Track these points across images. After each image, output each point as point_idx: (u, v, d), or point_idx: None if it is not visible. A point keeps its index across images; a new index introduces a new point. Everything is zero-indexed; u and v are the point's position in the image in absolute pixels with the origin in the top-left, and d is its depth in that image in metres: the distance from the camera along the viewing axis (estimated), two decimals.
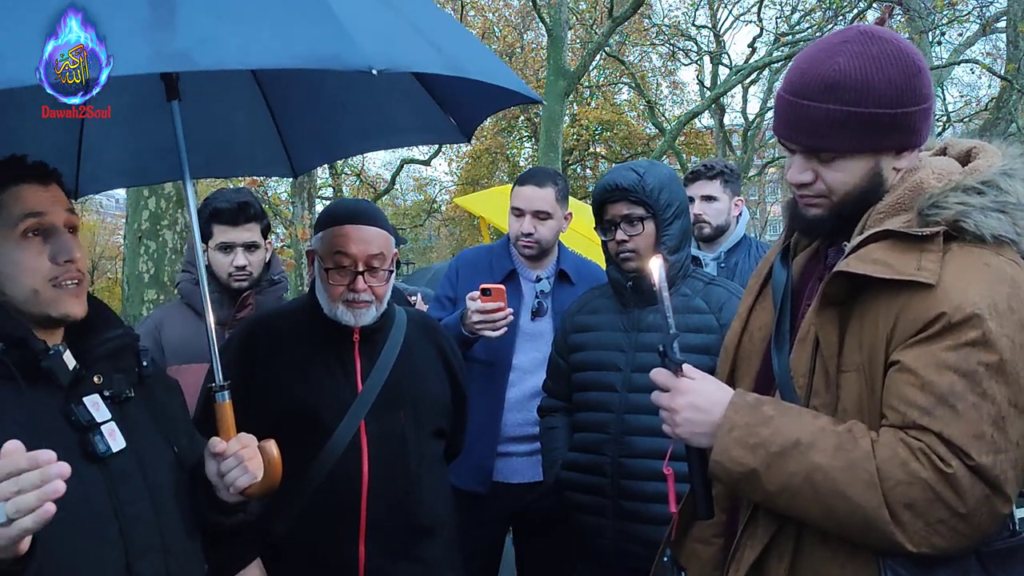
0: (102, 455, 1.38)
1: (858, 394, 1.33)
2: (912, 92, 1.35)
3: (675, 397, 1.44)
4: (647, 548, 2.18)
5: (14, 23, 1.26)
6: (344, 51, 1.29)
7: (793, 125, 1.40)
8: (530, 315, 2.80)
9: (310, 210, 12.18)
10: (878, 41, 1.36)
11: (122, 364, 1.51)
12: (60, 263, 1.40)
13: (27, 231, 1.38)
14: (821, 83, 1.35)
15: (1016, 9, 10.60)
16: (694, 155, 21.60)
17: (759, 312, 1.62)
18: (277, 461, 1.57)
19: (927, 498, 1.22)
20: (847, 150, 1.38)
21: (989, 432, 1.21)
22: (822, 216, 1.45)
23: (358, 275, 1.99)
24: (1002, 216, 1.31)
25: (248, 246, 2.63)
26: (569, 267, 2.89)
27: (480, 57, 1.75)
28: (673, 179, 2.39)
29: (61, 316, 1.41)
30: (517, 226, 2.82)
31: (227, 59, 1.28)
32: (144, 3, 1.24)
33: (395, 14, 1.52)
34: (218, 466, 1.53)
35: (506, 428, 2.74)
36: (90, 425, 1.38)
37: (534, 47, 19.83)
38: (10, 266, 1.37)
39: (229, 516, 1.59)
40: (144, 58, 1.22)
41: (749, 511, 1.45)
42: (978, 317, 1.23)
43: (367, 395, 2.01)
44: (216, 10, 1.29)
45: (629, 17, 12.81)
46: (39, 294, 1.38)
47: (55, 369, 1.36)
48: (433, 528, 2.09)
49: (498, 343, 2.73)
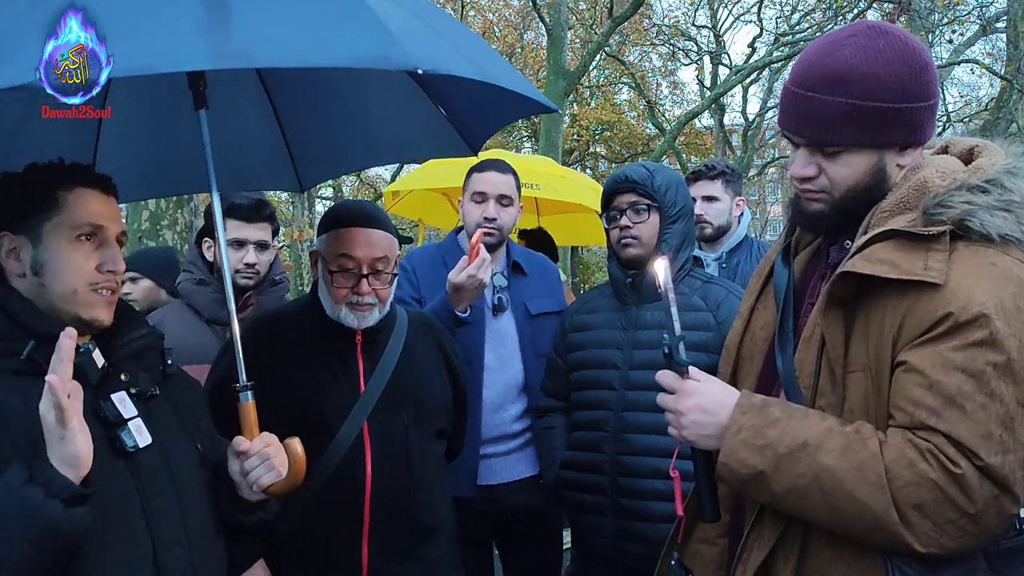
0: (130, 450, 1.42)
1: (865, 394, 1.33)
2: (917, 87, 1.35)
3: (681, 399, 1.43)
4: (646, 546, 2.19)
5: (14, 23, 1.27)
6: (393, 52, 1.32)
7: (798, 117, 1.40)
8: (492, 311, 2.74)
9: (310, 210, 12.18)
10: (885, 36, 1.36)
11: (147, 363, 1.56)
12: (104, 272, 1.45)
13: (82, 236, 1.44)
14: (827, 76, 1.35)
15: (1016, 9, 10.60)
16: (694, 155, 21.58)
17: (761, 312, 1.61)
18: (302, 458, 1.60)
19: (936, 499, 1.21)
20: (851, 144, 1.37)
21: (997, 432, 1.21)
22: (824, 211, 1.44)
23: (362, 278, 1.98)
24: (1007, 215, 1.31)
25: (260, 244, 2.65)
26: (520, 258, 2.86)
27: (499, 64, 1.78)
28: (681, 183, 2.46)
29: (90, 319, 1.45)
30: (478, 212, 2.74)
31: (283, 58, 1.32)
32: (199, 5, 1.27)
33: (422, 23, 1.55)
34: (241, 464, 1.56)
35: (485, 430, 2.69)
36: (118, 421, 1.43)
37: (534, 47, 19.81)
38: (60, 262, 1.42)
39: (249, 515, 1.63)
40: (205, 56, 1.24)
41: (755, 512, 1.45)
42: (985, 317, 1.23)
43: (369, 396, 2.01)
44: (267, 12, 1.32)
45: (629, 17, 12.79)
46: (77, 294, 1.43)
47: (85, 366, 1.39)
48: (435, 528, 2.09)
49: (469, 341, 2.68)
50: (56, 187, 1.44)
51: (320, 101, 2.19)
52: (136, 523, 1.41)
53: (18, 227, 1.43)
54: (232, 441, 1.58)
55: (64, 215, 1.43)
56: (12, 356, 1.37)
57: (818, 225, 1.49)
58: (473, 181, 2.83)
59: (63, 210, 1.43)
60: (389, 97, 2.12)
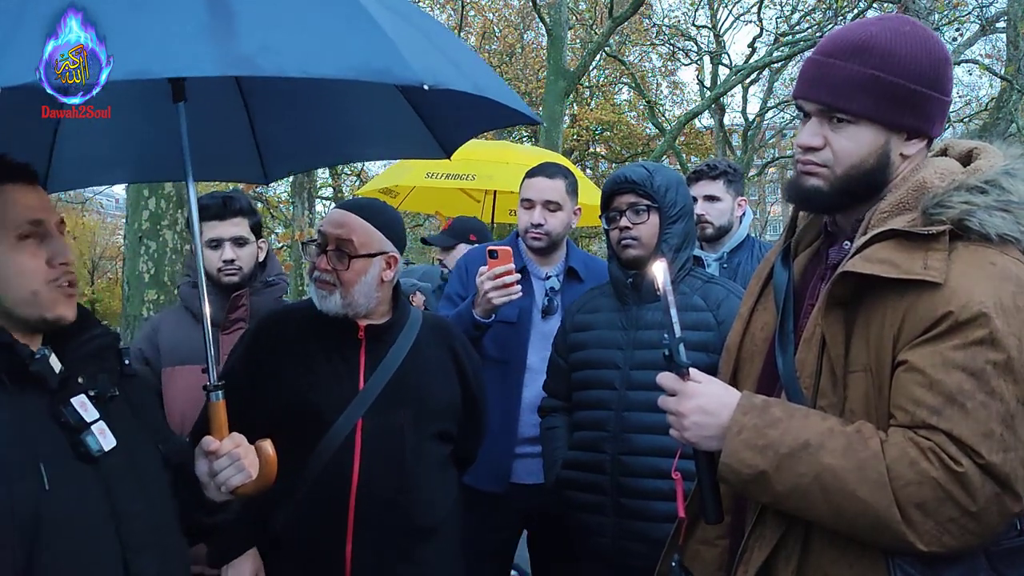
0: (95, 454, 1.38)
1: (866, 394, 1.33)
2: (934, 76, 1.37)
3: (682, 401, 1.43)
4: (648, 545, 2.19)
5: (14, 23, 1.26)
6: (395, 66, 1.32)
7: (815, 82, 1.41)
8: (541, 314, 2.80)
9: (310, 210, 12.17)
10: (912, 24, 1.40)
11: (105, 364, 1.51)
12: (56, 266, 1.40)
13: (23, 236, 1.38)
14: (850, 45, 1.38)
15: (1016, 9, 10.60)
16: (694, 155, 21.57)
17: (760, 313, 1.61)
18: (273, 460, 1.57)
19: (937, 497, 1.21)
20: (862, 114, 1.38)
21: (998, 430, 1.21)
22: (820, 188, 1.43)
23: (322, 253, 2.02)
24: (1006, 215, 1.31)
25: (236, 240, 2.61)
26: (578, 264, 2.88)
27: (489, 77, 1.77)
28: (681, 183, 2.46)
29: (55, 318, 1.41)
30: (527, 217, 2.80)
31: (288, 67, 1.31)
32: (203, 9, 1.26)
33: (422, 35, 1.55)
34: (210, 465, 1.53)
35: (522, 429, 2.73)
36: (81, 425, 1.38)
37: (534, 47, 19.82)
38: (8, 267, 1.36)
39: (211, 515, 1.60)
40: (211, 62, 1.24)
41: (756, 512, 1.45)
42: (985, 316, 1.23)
43: (368, 393, 2.02)
44: (271, 19, 1.32)
45: (629, 17, 12.81)
46: (38, 295, 1.38)
47: (44, 373, 1.36)
48: (430, 530, 2.08)
49: (512, 341, 2.73)
50: None
51: (293, 95, 2.17)
52: (104, 528, 1.37)
53: None
54: (201, 441, 1.55)
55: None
56: None
57: (812, 201, 1.47)
58: (523, 187, 2.87)
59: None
60: (362, 95, 2.09)
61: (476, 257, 2.96)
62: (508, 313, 2.71)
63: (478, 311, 2.58)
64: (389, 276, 2.08)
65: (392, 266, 2.09)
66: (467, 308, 2.63)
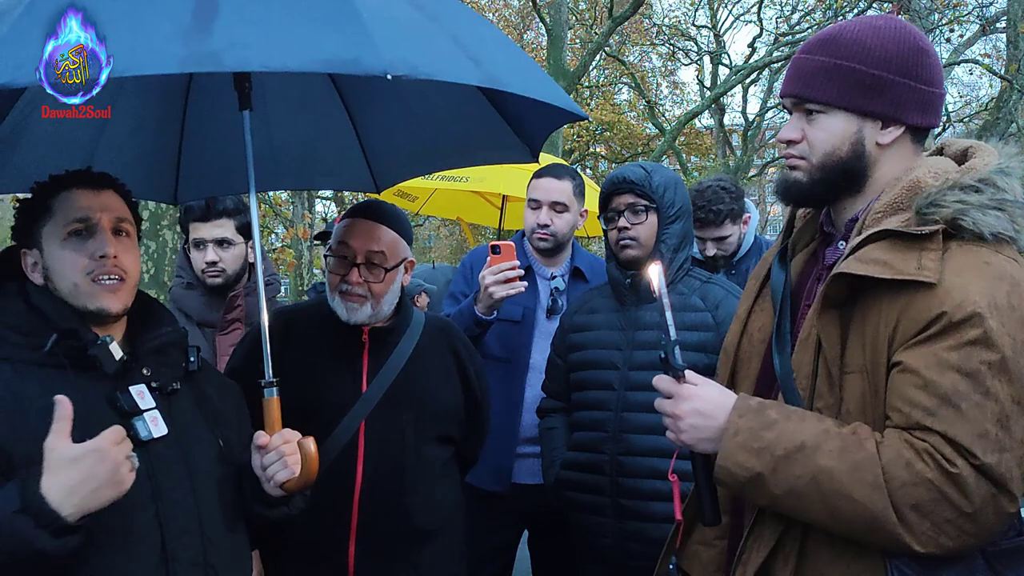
0: (143, 439, 1.47)
1: (862, 395, 1.33)
2: (904, 63, 1.39)
3: (678, 403, 1.43)
4: (647, 546, 2.19)
5: (14, 23, 1.27)
6: (364, 55, 1.32)
7: (790, 78, 1.47)
8: (545, 313, 2.80)
9: (310, 210, 12.18)
10: (888, 19, 1.44)
11: (169, 359, 1.61)
12: (95, 258, 1.50)
13: (72, 232, 1.51)
14: (821, 40, 1.44)
15: (1016, 9, 10.60)
16: (694, 155, 21.57)
17: (758, 314, 1.61)
18: (314, 457, 1.61)
19: (933, 498, 1.22)
20: (829, 101, 1.41)
21: (993, 431, 1.21)
22: (799, 179, 1.47)
23: (354, 267, 1.99)
24: (1000, 214, 1.31)
25: (219, 242, 2.58)
26: (583, 264, 2.89)
27: (526, 72, 1.75)
28: (679, 183, 2.45)
29: (97, 310, 1.50)
30: (533, 218, 2.81)
31: (252, 61, 1.32)
32: (188, 10, 1.28)
33: (435, 24, 1.54)
34: (260, 459, 1.59)
35: (524, 429, 2.73)
36: (132, 411, 1.48)
37: (534, 47, 19.80)
38: (56, 262, 1.51)
39: (272, 509, 1.66)
40: (175, 60, 1.25)
41: (754, 514, 1.45)
42: (979, 316, 1.23)
43: (370, 396, 2.01)
44: (250, 14, 1.33)
45: (629, 17, 12.79)
46: (78, 287, 1.49)
47: (100, 357, 1.47)
48: (430, 533, 2.08)
49: (515, 340, 2.73)
50: (47, 196, 1.53)
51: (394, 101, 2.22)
52: (145, 510, 1.45)
53: (30, 241, 1.54)
54: (254, 435, 1.62)
55: (55, 218, 1.52)
56: (36, 350, 1.45)
57: (791, 193, 1.50)
58: (531, 187, 2.88)
59: (54, 214, 1.52)
60: (458, 102, 2.09)
61: (481, 255, 2.97)
62: (512, 312, 2.71)
63: (480, 307, 2.58)
64: (406, 280, 2.09)
65: (409, 270, 2.09)
66: (469, 305, 2.63)
